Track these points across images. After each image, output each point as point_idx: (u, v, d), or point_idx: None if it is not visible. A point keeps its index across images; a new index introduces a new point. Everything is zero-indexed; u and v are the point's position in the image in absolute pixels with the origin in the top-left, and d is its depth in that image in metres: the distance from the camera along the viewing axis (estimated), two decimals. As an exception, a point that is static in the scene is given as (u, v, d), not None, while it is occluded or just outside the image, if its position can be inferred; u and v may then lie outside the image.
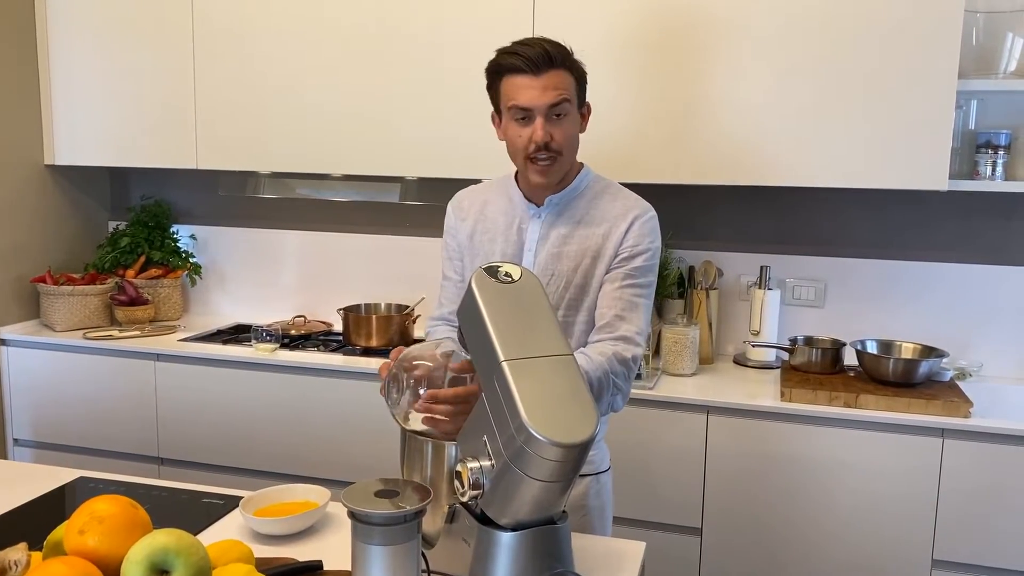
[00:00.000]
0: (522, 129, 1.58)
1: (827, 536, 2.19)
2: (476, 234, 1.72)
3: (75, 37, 2.85)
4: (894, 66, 2.18)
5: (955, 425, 2.07)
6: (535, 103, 1.54)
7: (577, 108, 1.61)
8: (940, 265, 2.52)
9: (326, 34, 2.59)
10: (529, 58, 1.53)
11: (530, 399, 1.09)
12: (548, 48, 1.54)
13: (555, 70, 1.55)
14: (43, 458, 2.81)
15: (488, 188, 1.77)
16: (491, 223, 1.71)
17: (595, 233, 1.64)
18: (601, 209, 1.66)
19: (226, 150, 2.75)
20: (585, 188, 1.69)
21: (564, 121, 1.57)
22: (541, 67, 1.54)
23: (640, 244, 1.63)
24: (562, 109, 1.56)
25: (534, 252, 1.66)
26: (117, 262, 3.06)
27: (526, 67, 1.54)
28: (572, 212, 1.66)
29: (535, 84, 1.54)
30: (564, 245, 1.64)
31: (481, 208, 1.73)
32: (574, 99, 1.59)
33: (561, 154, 1.59)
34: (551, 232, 1.66)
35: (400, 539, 1.08)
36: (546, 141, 1.56)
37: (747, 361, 2.59)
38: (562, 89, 1.55)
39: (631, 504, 2.31)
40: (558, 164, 1.60)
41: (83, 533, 1.09)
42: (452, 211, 1.78)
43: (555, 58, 1.54)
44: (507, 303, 1.21)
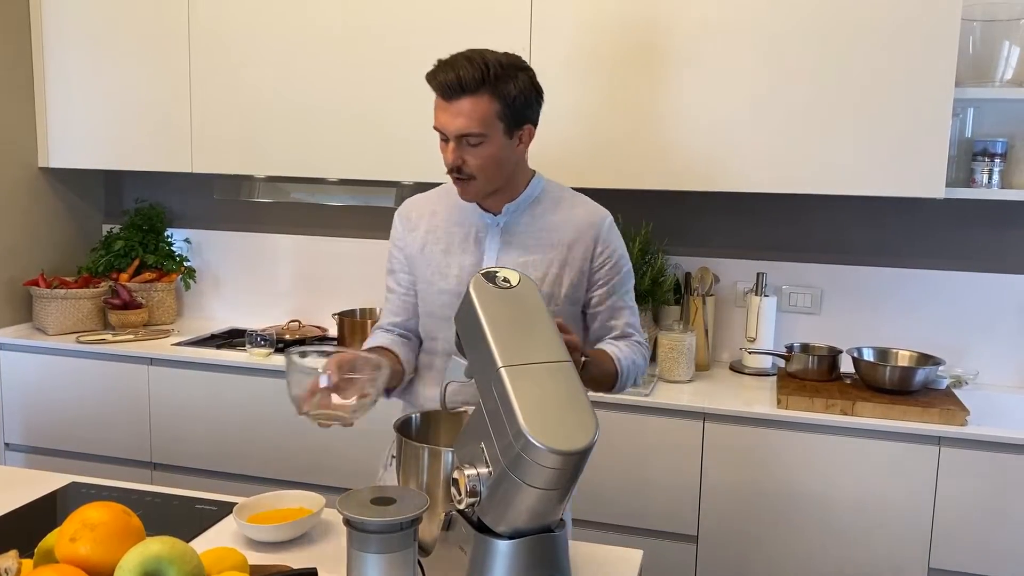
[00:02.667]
0: (443, 146, 1.56)
1: (823, 544, 2.18)
2: (428, 245, 1.68)
3: (70, 39, 2.84)
4: (891, 74, 2.18)
5: (951, 433, 2.07)
6: (445, 128, 1.53)
7: (505, 132, 1.54)
8: (936, 273, 2.52)
9: (321, 38, 2.59)
10: (440, 83, 1.51)
11: (528, 406, 1.08)
12: (461, 74, 1.48)
13: (466, 97, 1.49)
14: (35, 463, 2.79)
15: (438, 196, 1.72)
16: (444, 233, 1.67)
17: (559, 241, 1.63)
18: (561, 216, 1.65)
19: (221, 154, 2.74)
20: (541, 195, 1.67)
21: (478, 149, 1.53)
22: (452, 94, 1.50)
23: (613, 252, 1.67)
24: (474, 140, 1.52)
25: (496, 262, 1.63)
26: (111, 265, 3.05)
27: (439, 91, 1.52)
28: (531, 220, 1.65)
29: (447, 109, 1.52)
30: (528, 255, 1.63)
31: (431, 218, 1.69)
32: (495, 126, 1.52)
33: (475, 178, 1.56)
34: (512, 241, 1.64)
35: (396, 547, 1.07)
36: (457, 165, 1.54)
37: (743, 368, 2.59)
38: (473, 119, 1.50)
39: (627, 512, 2.30)
40: (474, 186, 1.57)
41: (75, 540, 1.08)
42: (400, 222, 1.73)
43: (467, 85, 1.48)
44: (505, 309, 1.20)
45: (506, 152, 1.57)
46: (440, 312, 1.66)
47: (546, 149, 2.37)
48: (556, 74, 2.37)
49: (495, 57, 1.53)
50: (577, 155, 2.42)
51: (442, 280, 1.65)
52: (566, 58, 2.39)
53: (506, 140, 1.56)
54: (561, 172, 1.96)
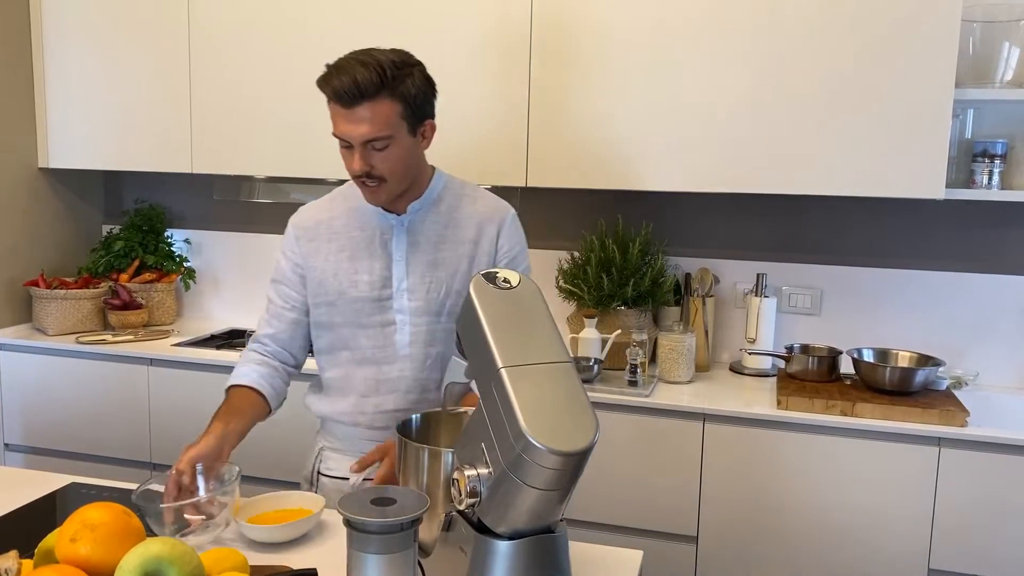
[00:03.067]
0: (347, 153, 1.55)
1: (823, 544, 2.18)
2: (331, 254, 1.65)
3: (70, 39, 2.84)
4: (891, 75, 2.18)
5: (952, 434, 2.07)
6: (349, 135, 1.51)
7: (408, 131, 1.54)
8: (936, 274, 2.52)
9: (321, 39, 2.59)
10: (337, 90, 1.47)
11: (529, 406, 1.08)
12: (359, 79, 1.46)
13: (368, 102, 1.47)
14: (34, 463, 2.79)
15: (331, 204, 1.70)
16: (346, 240, 1.65)
17: (465, 238, 1.65)
18: (465, 212, 1.66)
19: (220, 154, 2.74)
20: (443, 191, 1.67)
21: (385, 152, 1.52)
22: (352, 101, 1.47)
23: (515, 244, 1.68)
24: (380, 144, 1.51)
25: (405, 261, 1.62)
26: (111, 266, 3.05)
27: (337, 99, 1.49)
28: (436, 217, 1.65)
29: (349, 116, 1.49)
30: (437, 252, 1.63)
31: (330, 225, 1.67)
32: (399, 126, 1.51)
33: (386, 181, 1.55)
34: (419, 240, 1.63)
35: (396, 548, 1.07)
36: (366, 171, 1.53)
37: (743, 369, 2.59)
38: (378, 123, 1.48)
39: (627, 512, 2.30)
40: (384, 189, 1.56)
41: (75, 541, 1.08)
42: (294, 232, 1.69)
43: (366, 90, 1.46)
44: (505, 309, 1.20)
45: (412, 151, 1.57)
46: (356, 319, 1.64)
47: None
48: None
49: (387, 57, 1.50)
50: (584, 156, 2.42)
51: (353, 288, 1.63)
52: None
53: (410, 139, 1.56)
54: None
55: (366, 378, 1.67)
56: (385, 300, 1.63)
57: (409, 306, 1.63)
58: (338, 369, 1.70)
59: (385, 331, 1.64)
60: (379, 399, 1.67)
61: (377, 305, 1.63)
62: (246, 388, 1.64)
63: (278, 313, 1.71)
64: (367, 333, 1.65)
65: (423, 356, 1.65)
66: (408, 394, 1.66)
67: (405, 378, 1.65)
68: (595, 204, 2.76)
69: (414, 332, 1.64)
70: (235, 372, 1.68)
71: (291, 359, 1.74)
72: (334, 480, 1.73)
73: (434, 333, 1.64)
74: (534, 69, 2.42)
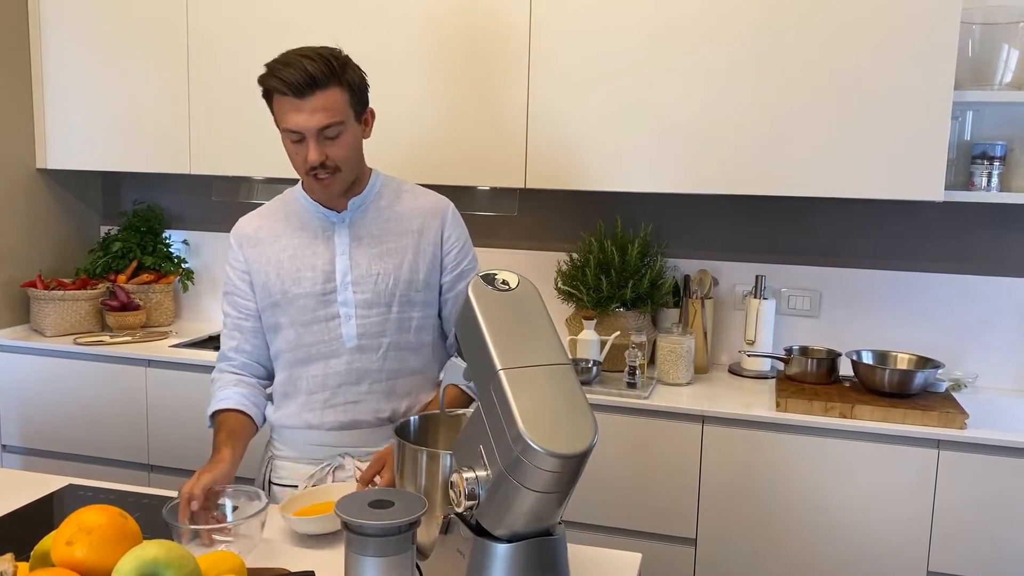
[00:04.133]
0: (297, 148, 1.57)
1: (822, 547, 2.18)
2: (274, 256, 1.67)
3: (69, 40, 2.84)
4: (890, 77, 2.18)
5: (951, 436, 2.06)
6: (303, 127, 1.52)
7: (355, 119, 1.59)
8: (935, 276, 2.52)
9: (319, 41, 2.58)
10: (290, 82, 1.50)
11: (527, 409, 1.07)
12: (310, 69, 1.49)
13: (320, 91, 1.51)
14: (32, 465, 2.79)
15: (270, 211, 1.73)
16: (287, 240, 1.67)
17: (408, 229, 1.68)
18: (405, 207, 1.71)
19: (219, 155, 2.74)
20: (382, 188, 1.72)
21: (338, 140, 1.56)
22: (305, 91, 1.50)
23: (459, 237, 1.74)
24: (333, 131, 1.54)
25: (348, 255, 1.65)
26: (109, 267, 3.04)
27: (290, 92, 1.51)
28: (377, 213, 1.69)
29: (302, 107, 1.51)
30: (381, 244, 1.66)
31: (271, 230, 1.69)
32: (348, 114, 1.56)
33: (340, 169, 1.58)
34: (363, 233, 1.67)
35: (394, 550, 1.07)
36: (321, 161, 1.55)
37: (742, 371, 2.59)
38: (331, 111, 1.52)
39: (626, 514, 2.30)
40: (338, 178, 1.60)
41: (71, 544, 1.07)
42: (236, 242, 1.71)
43: (318, 79, 1.50)
44: (504, 311, 1.20)
45: (359, 138, 1.63)
46: (300, 317, 1.65)
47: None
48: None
49: (325, 50, 1.56)
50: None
51: (296, 285, 1.65)
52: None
53: (357, 126, 1.61)
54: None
55: (313, 376, 1.67)
56: (329, 294, 1.65)
57: (355, 299, 1.65)
58: (283, 373, 1.71)
59: (329, 325, 1.65)
60: (327, 394, 1.67)
61: (321, 300, 1.65)
62: (234, 411, 1.65)
63: (236, 325, 1.73)
64: (311, 330, 1.66)
65: (375, 347, 1.66)
66: (358, 385, 1.66)
67: (355, 370, 1.66)
68: (594, 205, 2.76)
69: (362, 324, 1.65)
70: (216, 397, 1.68)
71: (262, 371, 1.75)
72: (284, 489, 1.72)
73: (385, 324, 1.66)
74: (532, 71, 2.42)
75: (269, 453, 1.77)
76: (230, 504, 1.44)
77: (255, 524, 1.35)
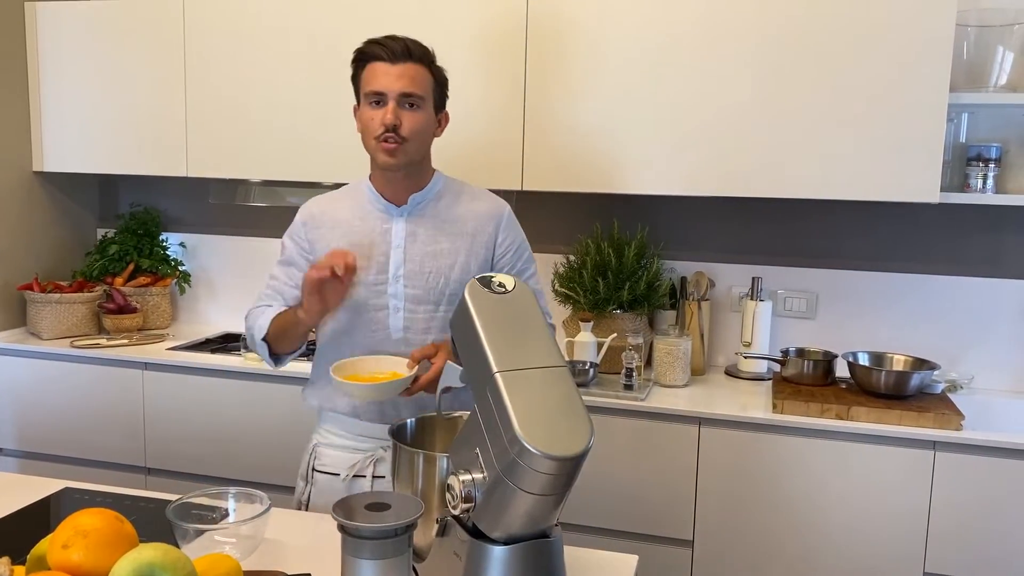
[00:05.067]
0: (375, 112, 1.64)
1: (819, 548, 2.18)
2: (333, 242, 1.71)
3: (65, 43, 2.84)
4: (886, 79, 2.19)
5: (947, 438, 2.07)
6: (389, 88, 1.62)
7: (433, 108, 1.68)
8: (931, 277, 2.53)
9: (316, 43, 2.58)
10: (390, 48, 1.62)
11: (523, 411, 1.08)
12: (409, 43, 1.64)
13: (413, 63, 1.63)
14: (28, 468, 2.78)
15: (340, 196, 1.79)
16: (348, 228, 1.72)
17: (463, 231, 1.72)
18: (463, 209, 1.75)
19: (216, 158, 2.74)
20: (443, 189, 1.76)
21: (415, 112, 1.64)
22: (399, 57, 1.62)
23: (515, 239, 1.77)
24: (414, 100, 1.63)
25: (403, 249, 1.69)
26: (105, 270, 3.04)
27: (385, 56, 1.62)
28: (436, 211, 1.73)
29: (391, 71, 1.62)
30: (436, 243, 1.70)
31: (334, 215, 1.75)
32: (429, 97, 1.66)
33: (407, 140, 1.64)
34: (419, 230, 1.71)
35: (390, 553, 1.07)
36: (395, 124, 1.62)
37: (739, 373, 2.59)
38: (417, 81, 1.63)
39: (622, 516, 2.30)
40: (403, 149, 1.65)
41: (67, 547, 1.07)
42: (302, 219, 1.78)
43: (414, 53, 1.63)
44: (500, 314, 1.20)
45: (431, 127, 1.70)
46: (351, 303, 1.70)
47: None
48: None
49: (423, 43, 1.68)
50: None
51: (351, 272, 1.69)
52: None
53: (433, 115, 1.69)
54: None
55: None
56: (380, 285, 1.69)
57: (405, 292, 1.68)
58: (335, 356, 1.71)
59: (378, 315, 1.70)
60: None
61: (372, 289, 1.69)
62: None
63: (281, 290, 1.76)
64: (361, 317, 1.70)
65: (419, 342, 1.68)
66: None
67: None
68: (591, 207, 2.76)
69: (408, 319, 1.69)
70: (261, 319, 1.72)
71: None
72: (327, 476, 1.75)
73: (431, 321, 1.69)
74: (529, 72, 2.42)
75: (314, 441, 1.81)
76: (232, 505, 1.43)
77: (256, 526, 1.35)
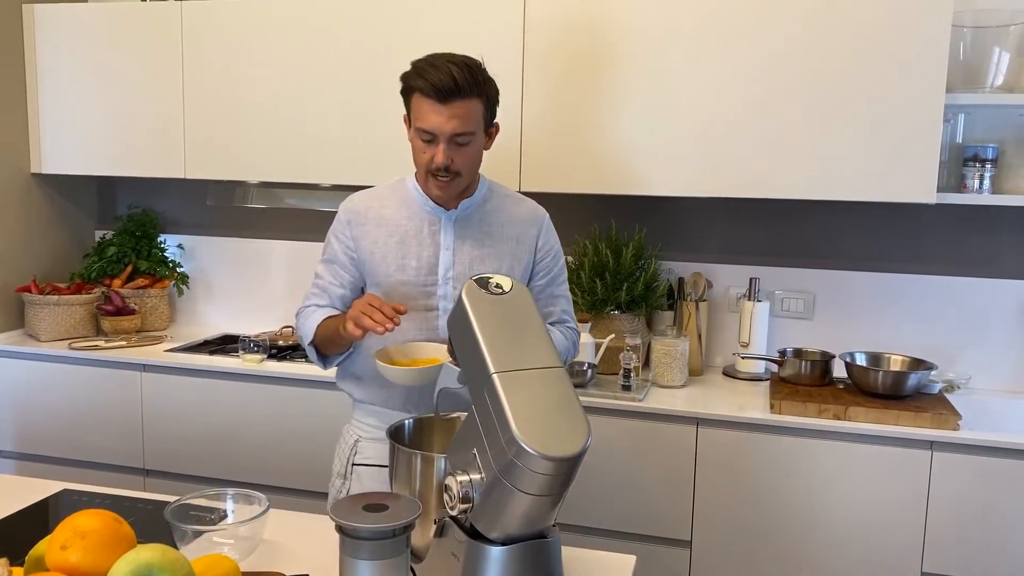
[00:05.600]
0: (426, 147, 1.62)
1: (817, 548, 2.18)
2: (380, 239, 1.71)
3: (63, 45, 2.84)
4: (882, 80, 2.19)
5: (944, 438, 2.07)
6: (439, 129, 1.58)
7: (484, 131, 1.65)
8: (928, 278, 2.53)
9: (314, 45, 2.59)
10: (436, 86, 1.55)
11: (521, 412, 1.08)
12: (456, 77, 1.55)
13: (462, 100, 1.57)
14: (26, 470, 2.78)
15: (383, 193, 1.77)
16: (395, 226, 1.72)
17: (507, 236, 1.74)
18: (507, 214, 1.76)
19: (214, 160, 2.74)
20: (488, 193, 1.77)
21: (467, 147, 1.62)
22: (447, 96, 1.56)
23: (553, 244, 1.81)
24: (465, 140, 1.60)
25: (452, 252, 1.70)
26: (104, 272, 3.04)
27: (434, 95, 1.56)
28: (483, 216, 1.74)
29: (441, 111, 1.57)
30: (483, 247, 1.72)
31: (380, 212, 1.74)
32: (480, 125, 1.63)
33: (460, 175, 1.64)
34: (466, 234, 1.72)
35: (388, 554, 1.07)
36: (447, 165, 1.61)
37: (736, 373, 2.59)
38: (467, 119, 1.58)
39: (621, 517, 2.30)
40: (456, 183, 1.65)
41: (65, 548, 1.07)
42: (346, 216, 1.75)
43: (463, 87, 1.56)
44: (498, 315, 1.20)
45: (482, 149, 1.69)
46: (402, 303, 1.67)
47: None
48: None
49: (472, 61, 1.61)
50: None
51: (400, 272, 1.70)
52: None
53: (484, 138, 1.68)
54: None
55: None
56: (430, 286, 1.70)
57: (455, 294, 1.69)
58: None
59: (428, 315, 1.71)
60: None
61: (422, 290, 1.70)
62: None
63: (327, 288, 1.76)
64: (410, 317, 1.68)
65: None
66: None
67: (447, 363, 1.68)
68: (588, 209, 2.76)
69: None
70: (310, 320, 1.72)
71: None
72: (373, 469, 1.76)
73: None
74: (527, 73, 2.43)
75: (354, 436, 1.80)
76: (231, 506, 1.44)
77: (255, 527, 1.35)
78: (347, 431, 1.84)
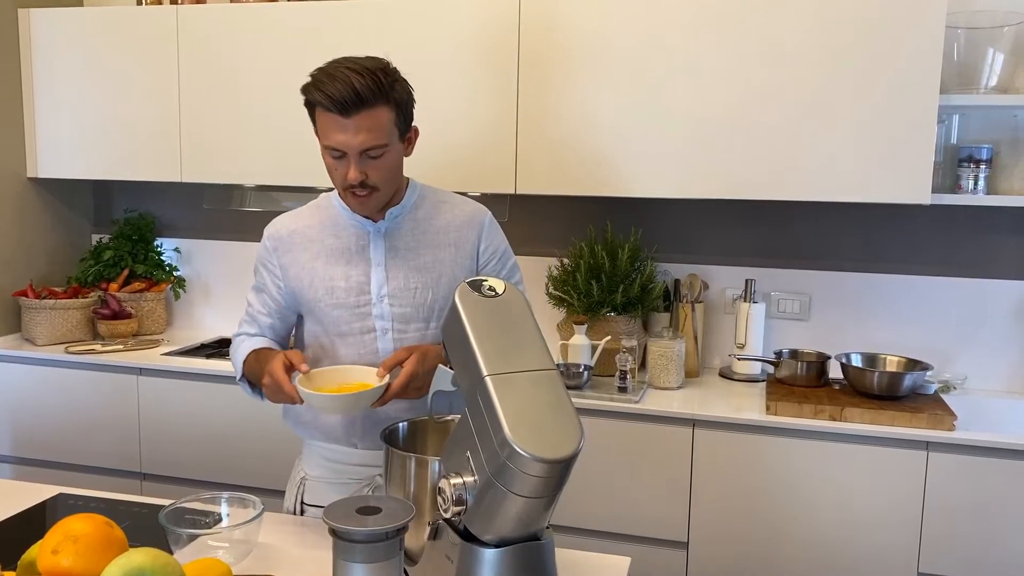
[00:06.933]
0: (337, 164, 1.52)
1: (813, 549, 2.18)
2: (307, 263, 1.62)
3: (59, 49, 2.84)
4: (877, 81, 2.19)
5: (939, 438, 2.07)
6: (346, 147, 1.48)
7: (399, 138, 1.54)
8: (924, 278, 2.53)
9: (308, 48, 2.59)
10: (335, 99, 1.44)
11: (513, 414, 1.08)
12: (357, 86, 1.43)
13: (367, 110, 1.45)
14: (23, 474, 2.78)
15: (306, 213, 1.68)
16: (322, 248, 1.62)
17: (445, 243, 1.63)
18: (444, 219, 1.65)
19: (210, 163, 2.74)
20: (419, 199, 1.66)
21: (380, 160, 1.51)
22: (350, 109, 1.44)
23: (498, 245, 1.69)
24: (377, 152, 1.50)
25: (384, 267, 1.60)
26: (100, 275, 3.04)
27: (334, 107, 1.45)
28: (415, 224, 1.63)
29: (346, 126, 1.46)
30: (418, 257, 1.61)
31: (304, 234, 1.64)
32: (392, 134, 1.51)
33: (378, 188, 1.54)
34: (399, 245, 1.62)
35: (382, 556, 1.07)
36: (361, 180, 1.51)
37: (733, 374, 2.59)
38: (375, 131, 1.47)
39: (617, 518, 2.30)
40: (375, 197, 1.55)
41: (57, 553, 1.07)
42: (270, 243, 1.66)
43: (365, 97, 1.44)
44: (490, 317, 1.20)
45: (400, 158, 1.58)
46: (336, 328, 1.62)
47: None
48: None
49: (374, 64, 1.49)
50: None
51: (329, 296, 1.61)
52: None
53: (400, 146, 1.56)
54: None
55: None
56: (363, 307, 1.61)
57: (392, 312, 1.61)
58: None
59: (365, 339, 1.61)
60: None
61: (355, 312, 1.61)
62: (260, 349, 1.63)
63: (256, 317, 1.70)
64: (347, 342, 1.62)
65: None
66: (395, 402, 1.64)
67: None
68: (584, 211, 2.76)
69: (399, 339, 1.61)
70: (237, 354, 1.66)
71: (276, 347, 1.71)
72: (319, 509, 1.66)
73: (423, 339, 1.61)
74: (522, 76, 2.43)
75: (301, 474, 1.72)
76: (225, 510, 1.44)
77: (249, 530, 1.35)
78: (296, 466, 1.76)
